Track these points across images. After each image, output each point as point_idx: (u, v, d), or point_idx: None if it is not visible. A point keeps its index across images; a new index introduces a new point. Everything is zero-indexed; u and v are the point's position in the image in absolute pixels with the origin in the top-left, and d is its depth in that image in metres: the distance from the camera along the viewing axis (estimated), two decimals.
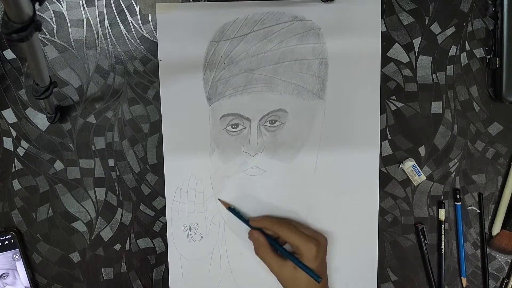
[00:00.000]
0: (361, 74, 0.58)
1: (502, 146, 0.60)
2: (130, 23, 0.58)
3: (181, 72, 0.58)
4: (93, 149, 0.59)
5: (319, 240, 0.53)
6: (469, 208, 0.60)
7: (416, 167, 0.58)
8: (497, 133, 0.60)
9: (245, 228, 0.58)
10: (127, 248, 0.61)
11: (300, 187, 0.59)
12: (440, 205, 0.60)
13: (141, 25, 0.58)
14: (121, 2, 0.58)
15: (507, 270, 0.61)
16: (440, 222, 0.60)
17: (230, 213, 0.59)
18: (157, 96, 0.58)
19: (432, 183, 0.60)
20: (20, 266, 0.59)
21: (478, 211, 0.60)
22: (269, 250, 0.54)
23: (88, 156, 0.59)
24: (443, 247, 0.60)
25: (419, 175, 0.58)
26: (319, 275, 0.51)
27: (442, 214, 0.59)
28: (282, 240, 0.55)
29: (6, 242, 0.59)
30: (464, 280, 0.60)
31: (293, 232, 0.53)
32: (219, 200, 0.59)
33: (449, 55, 0.59)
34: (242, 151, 0.59)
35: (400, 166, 0.59)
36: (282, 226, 0.54)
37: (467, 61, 0.59)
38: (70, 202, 0.60)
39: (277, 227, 0.54)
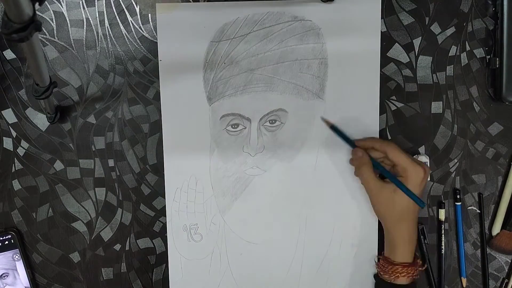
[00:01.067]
0: (360, 74, 0.58)
1: (502, 146, 0.60)
2: (130, 23, 0.58)
3: (181, 72, 0.58)
4: (93, 149, 0.59)
5: (425, 168, 0.52)
6: (469, 208, 0.60)
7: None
8: (497, 133, 0.59)
9: (246, 228, 0.58)
10: (127, 248, 0.61)
11: (300, 187, 0.59)
12: (440, 205, 0.60)
13: (141, 25, 0.58)
14: (121, 2, 0.58)
15: (507, 270, 0.61)
16: (440, 222, 0.60)
17: (230, 213, 0.59)
18: (157, 96, 0.58)
19: (432, 183, 0.60)
20: (20, 266, 0.59)
21: (478, 211, 0.60)
22: (371, 170, 0.53)
23: (88, 156, 0.59)
24: (443, 247, 0.60)
25: None
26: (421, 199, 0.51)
27: (442, 214, 0.59)
28: (388, 163, 0.54)
29: (6, 242, 0.59)
30: (464, 280, 0.60)
31: (403, 153, 0.52)
32: (322, 118, 0.57)
33: (449, 55, 0.59)
34: (242, 151, 0.59)
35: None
36: (392, 146, 0.53)
37: (467, 61, 0.59)
38: (70, 202, 0.60)
39: (386, 147, 0.53)
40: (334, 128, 0.57)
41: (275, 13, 0.57)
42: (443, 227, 0.60)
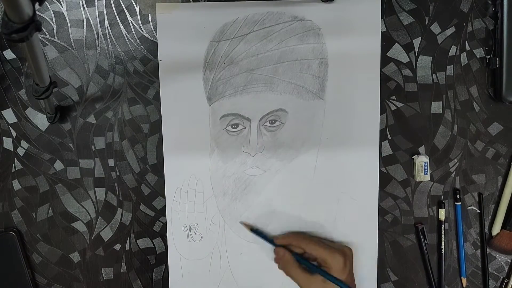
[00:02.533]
0: (361, 74, 0.58)
1: (502, 146, 0.60)
2: (130, 23, 0.58)
3: (181, 72, 0.58)
4: (93, 149, 0.59)
5: (345, 252, 0.54)
6: (469, 208, 0.60)
7: (427, 165, 0.58)
8: (497, 133, 0.60)
9: (245, 228, 0.58)
10: (127, 248, 0.61)
11: (300, 187, 0.59)
12: (440, 205, 0.60)
13: (141, 25, 0.58)
14: (121, 2, 0.58)
15: (507, 270, 0.61)
16: (440, 222, 0.60)
17: (230, 213, 0.59)
18: (157, 96, 0.58)
19: (432, 183, 0.60)
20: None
21: (478, 211, 0.60)
22: (296, 266, 0.54)
23: (88, 156, 0.59)
24: (443, 247, 0.60)
25: (425, 174, 0.58)
26: (349, 285, 0.51)
27: (442, 214, 0.59)
28: (308, 255, 0.55)
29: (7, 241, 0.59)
30: (464, 280, 0.60)
31: (320, 245, 0.53)
32: (241, 223, 0.59)
33: (449, 55, 0.59)
34: (242, 151, 0.59)
35: (413, 157, 0.59)
36: (308, 241, 0.55)
37: (467, 61, 0.59)
38: (70, 202, 0.60)
39: (303, 243, 0.55)
40: (254, 230, 0.58)
41: (275, 13, 0.57)
42: (443, 227, 0.60)
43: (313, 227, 0.59)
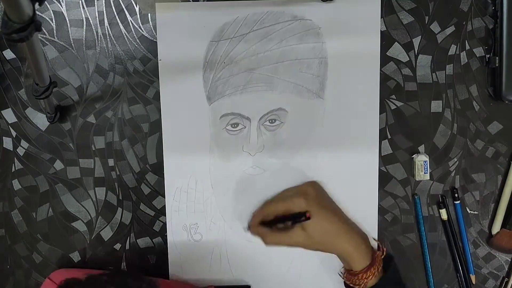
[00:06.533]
0: (360, 73, 0.58)
1: (502, 145, 0.60)
2: (130, 23, 0.58)
3: (181, 71, 0.58)
4: (93, 149, 0.59)
5: (303, 190, 0.54)
6: (469, 212, 0.60)
7: (426, 164, 0.58)
8: (496, 132, 0.60)
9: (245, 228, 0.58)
10: (127, 247, 0.61)
11: None
12: (440, 205, 0.60)
13: (140, 25, 0.58)
14: (120, 2, 0.58)
15: (507, 269, 0.61)
16: (443, 222, 0.60)
17: (230, 213, 0.59)
18: (157, 96, 0.58)
19: (432, 182, 0.60)
20: None
21: (476, 212, 0.60)
22: (273, 234, 0.54)
23: (88, 156, 0.59)
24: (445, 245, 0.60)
25: (424, 173, 0.58)
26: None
27: (443, 213, 0.59)
28: (279, 216, 0.54)
29: None
30: (473, 278, 0.60)
31: (278, 201, 0.55)
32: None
33: (448, 54, 0.59)
34: (242, 151, 0.59)
35: (413, 156, 0.59)
36: (268, 205, 0.56)
37: (466, 60, 0.59)
38: (70, 202, 0.60)
39: (264, 211, 0.56)
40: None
41: (274, 12, 0.57)
42: (443, 226, 0.60)
43: None
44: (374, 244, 0.57)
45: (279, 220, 0.54)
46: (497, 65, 0.57)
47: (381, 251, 0.55)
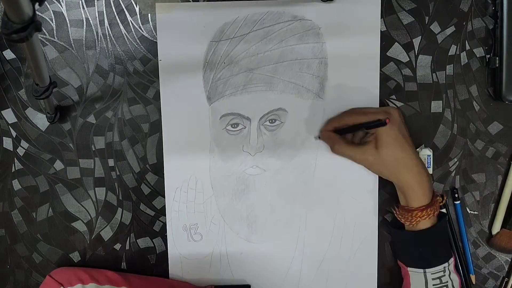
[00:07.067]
0: (360, 74, 0.58)
1: (502, 145, 0.60)
2: (130, 23, 0.58)
3: (181, 72, 0.58)
4: (93, 149, 0.59)
5: (390, 112, 0.53)
6: (469, 212, 0.60)
7: (430, 158, 0.58)
8: (497, 132, 0.60)
9: (246, 228, 0.58)
10: (127, 247, 0.61)
11: (300, 186, 0.59)
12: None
13: (140, 25, 0.58)
14: (120, 2, 0.58)
15: (507, 269, 0.61)
16: None
17: (230, 213, 0.59)
18: (157, 96, 0.58)
19: (432, 182, 0.60)
20: None
21: (476, 212, 0.60)
22: (344, 142, 0.54)
23: (88, 156, 0.59)
24: None
25: (428, 167, 0.58)
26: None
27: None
28: (354, 125, 0.54)
29: None
30: (473, 278, 0.60)
31: (358, 114, 0.54)
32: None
33: (448, 54, 0.59)
34: (242, 151, 0.59)
35: (417, 149, 0.58)
36: (346, 115, 0.55)
37: (467, 61, 0.59)
38: (70, 202, 0.60)
39: (342, 120, 0.55)
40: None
41: (274, 12, 0.57)
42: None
43: (313, 226, 0.59)
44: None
45: (354, 128, 0.54)
46: (497, 65, 0.57)
47: (442, 198, 0.55)
